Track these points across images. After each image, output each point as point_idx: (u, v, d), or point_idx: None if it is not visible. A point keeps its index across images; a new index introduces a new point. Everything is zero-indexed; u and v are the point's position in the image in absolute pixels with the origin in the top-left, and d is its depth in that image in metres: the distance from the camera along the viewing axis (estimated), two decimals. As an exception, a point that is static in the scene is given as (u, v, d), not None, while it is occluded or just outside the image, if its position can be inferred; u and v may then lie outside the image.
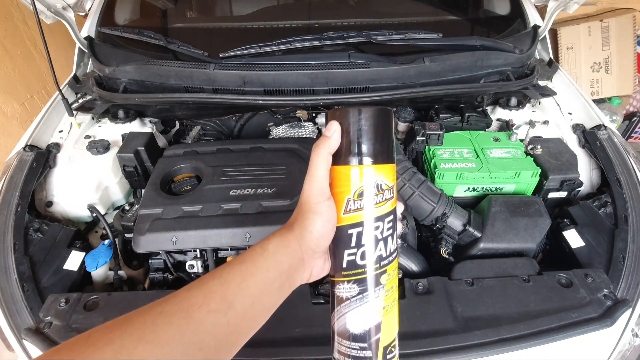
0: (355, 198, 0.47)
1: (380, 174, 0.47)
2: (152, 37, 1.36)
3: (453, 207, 1.08)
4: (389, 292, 0.50)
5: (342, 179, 0.48)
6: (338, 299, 0.49)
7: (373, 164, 0.47)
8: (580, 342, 0.83)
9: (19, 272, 0.94)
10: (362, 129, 0.46)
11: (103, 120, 1.44)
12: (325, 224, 0.47)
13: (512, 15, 1.62)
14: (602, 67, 2.82)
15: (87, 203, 1.16)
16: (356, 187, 0.47)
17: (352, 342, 0.48)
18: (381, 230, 0.48)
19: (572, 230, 1.08)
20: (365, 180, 0.47)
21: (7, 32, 2.28)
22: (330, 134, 0.47)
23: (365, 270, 0.48)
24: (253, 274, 0.44)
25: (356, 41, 1.31)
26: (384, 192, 0.48)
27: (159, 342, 0.36)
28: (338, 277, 0.50)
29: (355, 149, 0.47)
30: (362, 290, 0.48)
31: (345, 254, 0.48)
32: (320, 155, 0.47)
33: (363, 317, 0.48)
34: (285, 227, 0.49)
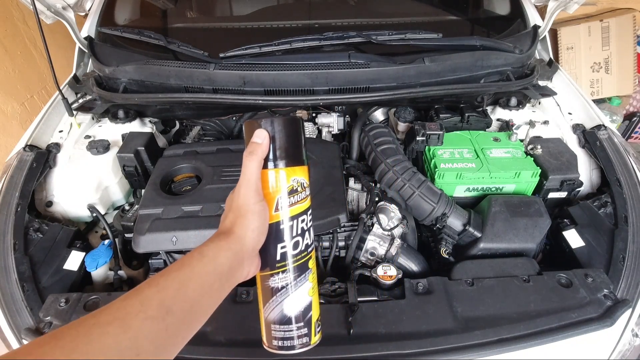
0: (283, 197, 0.54)
1: (302, 174, 0.56)
2: (152, 37, 1.36)
3: (453, 207, 1.08)
4: (314, 273, 0.58)
5: (272, 180, 0.54)
6: (273, 290, 0.55)
7: (296, 165, 0.55)
8: (580, 342, 0.83)
9: (19, 272, 0.94)
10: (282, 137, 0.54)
11: (103, 120, 1.44)
12: (262, 221, 0.52)
13: (512, 15, 1.62)
14: (602, 67, 2.82)
15: (87, 203, 1.16)
16: (285, 187, 0.54)
17: (289, 325, 0.55)
18: (306, 222, 0.56)
19: (572, 230, 1.08)
20: (292, 179, 0.54)
21: (7, 32, 2.28)
22: (261, 140, 0.52)
23: (299, 258, 0.55)
24: (191, 279, 0.45)
25: (356, 41, 1.31)
26: (305, 189, 0.56)
27: (93, 352, 0.36)
28: (271, 271, 0.55)
29: (282, 153, 0.54)
30: (296, 276, 0.55)
31: (278, 247, 0.54)
32: (254, 160, 0.52)
33: (298, 300, 0.55)
34: (222, 232, 0.52)
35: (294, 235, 0.55)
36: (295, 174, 0.55)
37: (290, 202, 0.54)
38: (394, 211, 1.09)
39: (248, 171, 0.52)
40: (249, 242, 0.51)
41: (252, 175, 0.52)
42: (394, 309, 0.85)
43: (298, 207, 0.55)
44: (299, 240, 0.55)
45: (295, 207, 0.55)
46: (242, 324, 0.82)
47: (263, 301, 0.56)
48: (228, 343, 0.79)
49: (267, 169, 0.54)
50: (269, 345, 0.57)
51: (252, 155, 0.52)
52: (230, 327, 0.81)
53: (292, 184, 0.54)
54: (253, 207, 0.51)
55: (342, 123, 1.49)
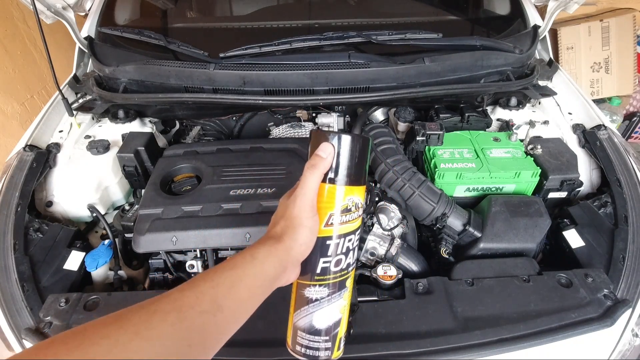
0: (336, 214, 0.54)
1: (359, 194, 0.55)
2: (152, 37, 1.36)
3: (453, 207, 1.08)
4: (349, 292, 0.58)
5: (328, 196, 0.54)
6: (306, 300, 0.55)
7: (355, 185, 0.54)
8: (580, 342, 0.83)
9: (19, 272, 0.94)
10: (347, 155, 0.53)
11: (103, 120, 1.44)
12: (312, 236, 0.53)
13: (512, 15, 1.62)
14: (602, 67, 2.82)
15: (87, 203, 1.16)
16: (340, 204, 0.54)
17: (316, 336, 0.55)
18: (352, 242, 0.56)
19: (572, 230, 1.08)
20: (347, 199, 0.54)
21: (7, 32, 2.28)
22: (326, 156, 0.52)
23: (338, 275, 0.55)
24: (242, 279, 0.47)
25: (356, 41, 1.31)
26: (359, 210, 0.56)
27: (152, 338, 0.38)
28: (309, 281, 0.55)
29: (344, 171, 0.53)
30: (331, 292, 0.55)
31: (320, 261, 0.54)
32: (315, 175, 0.52)
33: (329, 315, 0.55)
34: (273, 237, 0.52)
35: (339, 252, 0.55)
36: (352, 194, 0.54)
37: (341, 220, 0.54)
38: (394, 211, 1.09)
39: (307, 184, 0.52)
40: (295, 254, 0.52)
41: (311, 189, 0.52)
42: (394, 309, 0.85)
43: (348, 227, 0.55)
44: (342, 259, 0.55)
45: (345, 225, 0.54)
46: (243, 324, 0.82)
47: (295, 307, 0.57)
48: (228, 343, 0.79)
49: (326, 183, 0.53)
50: (292, 349, 0.57)
51: (313, 169, 0.52)
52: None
53: (347, 203, 0.54)
54: (305, 222, 0.52)
55: (342, 123, 1.49)
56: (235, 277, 0.46)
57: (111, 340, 0.36)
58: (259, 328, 0.81)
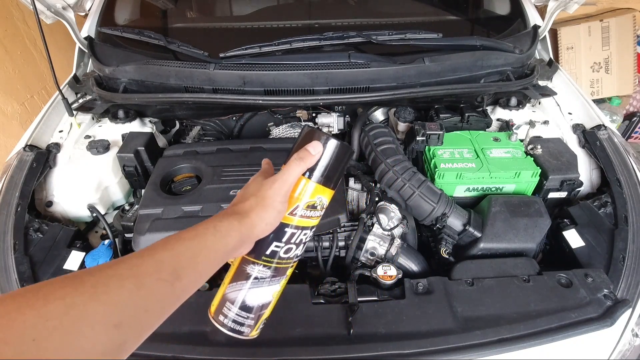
0: (304, 207, 0.58)
1: (327, 196, 0.60)
2: (152, 37, 1.36)
3: (453, 207, 1.08)
4: (286, 280, 0.61)
5: (302, 188, 0.57)
6: (246, 275, 0.57)
7: (329, 187, 0.59)
8: (580, 342, 0.83)
9: (19, 272, 0.94)
10: (331, 158, 0.57)
11: (103, 120, 1.44)
12: (278, 219, 0.56)
13: (512, 15, 1.62)
14: (602, 67, 2.82)
15: (87, 203, 1.16)
16: (308, 199, 0.58)
17: (244, 311, 0.57)
18: (307, 236, 0.60)
19: (572, 230, 1.08)
20: (318, 197, 0.58)
21: (7, 32, 2.27)
22: (315, 153, 0.56)
23: (283, 262, 0.59)
24: (202, 251, 0.48)
25: (356, 41, 1.31)
26: (322, 209, 0.60)
27: (110, 302, 0.38)
28: (256, 259, 0.57)
29: (323, 172, 0.57)
30: (272, 276, 0.58)
31: (273, 244, 0.57)
32: (300, 166, 0.56)
33: (263, 295, 0.58)
34: (239, 212, 0.53)
35: (292, 241, 0.58)
36: (322, 193, 0.58)
37: (304, 214, 0.58)
38: (394, 211, 1.09)
39: (290, 173, 0.55)
40: (257, 231, 0.54)
41: (292, 177, 0.55)
42: (394, 309, 0.85)
43: (308, 221, 0.59)
44: (292, 248, 0.59)
45: (306, 219, 0.58)
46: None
47: (233, 279, 0.58)
48: (228, 343, 0.79)
49: (304, 177, 0.57)
50: (215, 317, 0.58)
51: (301, 161, 0.56)
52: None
53: (315, 200, 0.58)
54: (277, 205, 0.54)
55: (342, 123, 1.49)
56: (196, 248, 0.47)
57: (67, 301, 0.36)
58: (259, 328, 0.81)
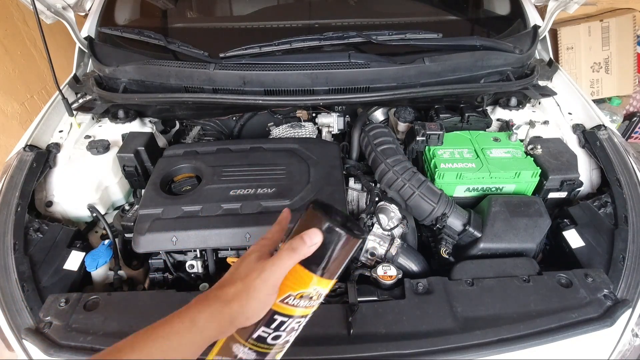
0: (296, 297, 0.52)
1: (326, 287, 0.53)
2: (152, 37, 1.36)
3: (453, 207, 1.08)
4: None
5: (296, 278, 0.51)
6: (232, 354, 0.53)
7: (327, 278, 0.52)
8: (580, 342, 0.83)
9: (19, 272, 0.94)
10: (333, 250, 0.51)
11: (103, 120, 1.43)
12: (262, 311, 0.50)
13: (512, 15, 1.62)
14: (602, 67, 2.82)
15: (87, 203, 1.16)
16: (302, 290, 0.52)
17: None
18: (300, 325, 0.55)
19: (572, 230, 1.08)
20: (312, 288, 0.52)
21: (7, 32, 2.27)
22: (311, 244, 0.49)
23: (271, 348, 0.53)
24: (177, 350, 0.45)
25: (356, 41, 1.31)
26: (319, 299, 0.54)
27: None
28: (242, 340, 0.53)
29: (323, 264, 0.51)
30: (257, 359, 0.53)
31: (261, 329, 0.52)
32: (292, 259, 0.49)
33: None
34: (222, 298, 0.49)
35: (281, 329, 0.53)
36: (320, 285, 0.52)
37: (298, 304, 0.52)
38: (394, 211, 1.09)
39: (280, 265, 0.49)
40: (238, 323, 0.50)
41: (282, 269, 0.49)
42: (394, 309, 0.85)
43: (302, 311, 0.53)
44: (282, 335, 0.53)
45: (299, 309, 0.53)
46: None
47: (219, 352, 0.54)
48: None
49: (301, 265, 0.51)
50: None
51: (292, 253, 0.49)
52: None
53: (311, 291, 0.52)
54: (263, 297, 0.49)
55: (342, 123, 1.49)
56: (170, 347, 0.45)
57: None
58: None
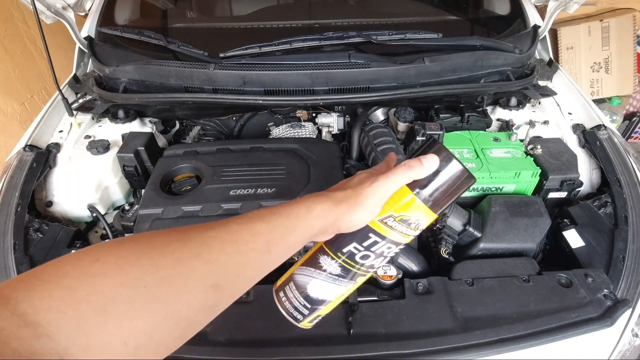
0: (397, 219, 0.52)
1: (428, 218, 0.53)
2: (152, 37, 1.36)
3: (453, 207, 1.08)
4: (355, 287, 0.57)
5: (401, 200, 0.52)
6: (318, 265, 0.55)
7: (431, 208, 0.52)
8: (580, 342, 0.83)
9: (19, 272, 0.94)
10: (446, 179, 0.51)
11: (103, 120, 1.43)
12: (365, 220, 0.52)
13: (512, 15, 1.62)
14: (602, 67, 2.82)
15: (87, 203, 1.16)
16: (405, 213, 0.52)
17: (302, 297, 0.55)
18: (391, 251, 0.55)
19: (572, 230, 1.08)
20: (415, 214, 0.52)
21: (7, 32, 2.27)
22: (427, 167, 0.51)
23: (355, 266, 0.54)
24: (295, 230, 0.48)
25: (356, 41, 1.31)
26: (417, 230, 0.54)
27: (211, 262, 0.42)
28: (332, 252, 0.55)
29: (430, 190, 0.52)
30: (341, 275, 0.55)
31: (352, 244, 0.53)
32: (406, 176, 0.51)
33: (325, 291, 0.55)
34: (333, 198, 0.51)
35: (372, 250, 0.54)
36: (421, 213, 0.52)
37: (395, 227, 0.53)
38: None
39: (392, 179, 0.51)
40: (342, 225, 0.52)
41: (393, 184, 0.51)
42: (394, 309, 0.85)
43: (396, 235, 0.53)
44: (371, 256, 0.54)
45: (396, 233, 0.53)
46: (241, 324, 0.82)
47: (305, 262, 0.56)
48: (228, 343, 0.79)
49: (409, 188, 0.52)
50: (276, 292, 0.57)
51: (408, 170, 0.51)
52: (230, 327, 0.81)
53: (410, 217, 0.52)
54: (369, 206, 0.51)
55: (342, 123, 1.49)
56: (289, 225, 0.48)
57: (175, 255, 0.40)
58: (259, 328, 0.81)
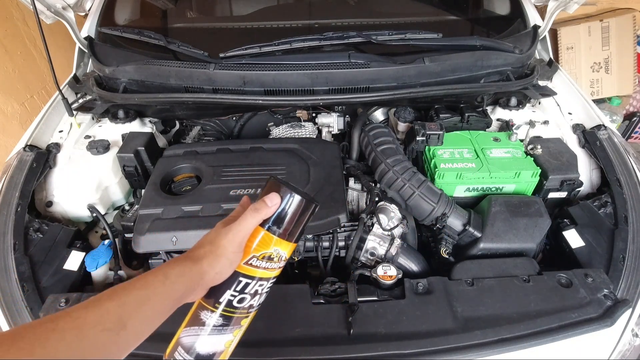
0: (259, 258, 0.56)
1: (287, 248, 0.57)
2: (152, 37, 1.36)
3: (453, 207, 1.08)
4: (241, 330, 0.58)
5: (257, 239, 0.56)
6: (200, 321, 0.56)
7: (286, 239, 0.57)
8: (580, 342, 0.83)
9: (19, 272, 0.94)
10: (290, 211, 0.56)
11: (103, 120, 1.44)
12: (230, 269, 0.55)
13: (512, 15, 1.62)
14: (602, 67, 2.82)
15: (87, 203, 1.16)
16: (264, 251, 0.56)
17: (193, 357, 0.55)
18: (264, 287, 0.58)
19: (572, 230, 1.08)
20: (274, 249, 0.56)
21: (7, 32, 2.27)
22: (271, 205, 0.55)
23: (236, 312, 0.56)
24: (150, 299, 0.48)
25: (356, 41, 1.31)
26: (281, 262, 0.58)
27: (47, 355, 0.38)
28: (209, 305, 0.56)
29: (279, 224, 0.56)
30: (225, 324, 0.56)
31: (227, 292, 0.55)
32: (255, 218, 0.55)
33: (214, 344, 0.55)
34: (191, 258, 0.53)
35: (246, 291, 0.56)
36: (280, 246, 0.56)
37: (261, 265, 0.56)
38: (394, 211, 1.09)
39: (245, 223, 0.54)
40: (208, 279, 0.53)
41: (246, 228, 0.54)
42: (394, 309, 0.85)
43: (265, 273, 0.57)
44: (247, 298, 0.56)
45: (262, 271, 0.56)
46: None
47: (187, 323, 0.57)
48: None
49: (262, 227, 0.56)
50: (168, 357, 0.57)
51: (255, 213, 0.54)
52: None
53: (272, 252, 0.56)
54: (229, 255, 0.53)
55: (342, 123, 1.49)
56: (144, 296, 0.47)
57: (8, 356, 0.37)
58: (259, 328, 0.81)
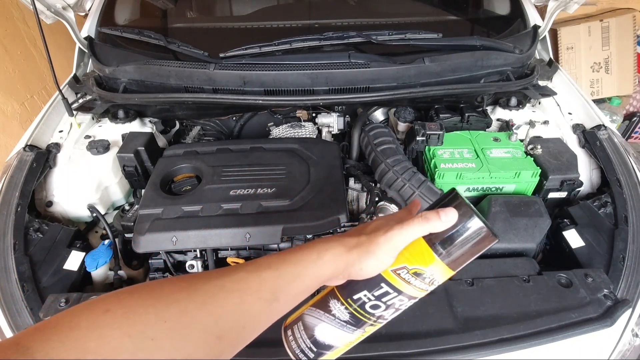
0: (410, 272, 0.50)
1: (444, 274, 0.51)
2: (152, 37, 1.36)
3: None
4: (363, 336, 0.55)
5: (416, 252, 0.50)
6: (328, 308, 0.54)
7: (448, 265, 0.50)
8: (580, 342, 0.83)
9: (19, 272, 0.94)
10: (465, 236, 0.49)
11: (103, 120, 1.44)
12: (376, 269, 0.51)
13: (512, 15, 1.62)
14: (602, 67, 2.82)
15: (87, 203, 1.16)
16: (419, 266, 0.50)
17: (309, 339, 0.54)
18: (401, 304, 0.53)
19: (572, 230, 1.08)
20: (430, 269, 0.50)
21: (7, 32, 2.27)
22: (445, 222, 0.48)
23: (365, 316, 0.53)
24: (303, 277, 0.48)
25: (356, 41, 1.31)
26: (431, 285, 0.52)
27: (216, 313, 0.42)
28: (342, 297, 0.53)
29: (447, 246, 0.49)
30: (350, 322, 0.53)
31: (363, 292, 0.52)
32: (422, 228, 0.49)
33: (333, 336, 0.53)
34: (346, 244, 0.51)
35: (383, 300, 0.52)
36: (438, 269, 0.50)
37: (409, 280, 0.51)
38: (394, 211, 1.09)
39: (408, 230, 0.49)
40: (351, 272, 0.51)
41: (408, 235, 0.49)
42: (394, 309, 0.85)
43: (408, 287, 0.51)
44: (381, 307, 0.52)
45: (408, 286, 0.51)
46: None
47: (316, 304, 0.55)
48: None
49: (426, 242, 0.50)
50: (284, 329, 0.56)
51: (425, 222, 0.48)
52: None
53: (425, 271, 0.50)
54: (381, 256, 0.50)
55: (342, 123, 1.49)
56: (297, 273, 0.48)
57: (181, 305, 0.40)
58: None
